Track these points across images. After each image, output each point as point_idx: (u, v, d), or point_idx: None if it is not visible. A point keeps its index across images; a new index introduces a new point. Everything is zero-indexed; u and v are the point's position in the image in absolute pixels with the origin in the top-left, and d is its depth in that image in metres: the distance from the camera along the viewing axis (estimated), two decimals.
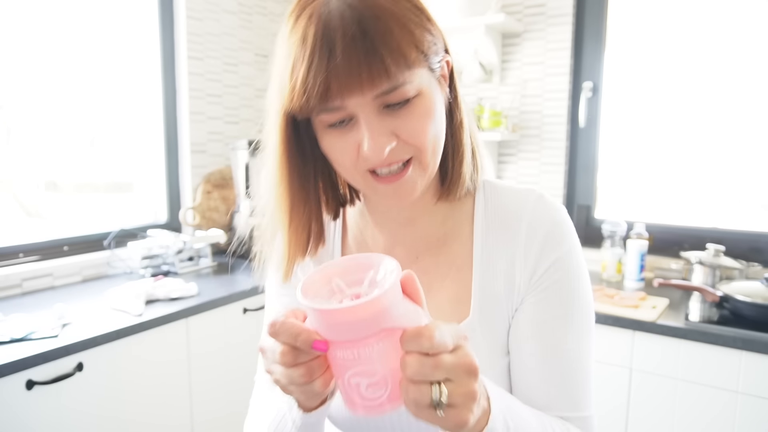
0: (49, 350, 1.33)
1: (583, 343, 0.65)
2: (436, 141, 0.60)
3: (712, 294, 1.64)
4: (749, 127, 1.99)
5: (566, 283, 0.64)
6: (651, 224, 2.06)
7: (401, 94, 0.55)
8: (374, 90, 0.54)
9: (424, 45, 0.57)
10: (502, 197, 0.70)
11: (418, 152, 0.59)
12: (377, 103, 0.56)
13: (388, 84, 0.54)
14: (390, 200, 0.61)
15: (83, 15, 2.05)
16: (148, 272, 2.00)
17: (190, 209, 2.32)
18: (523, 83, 2.27)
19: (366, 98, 0.55)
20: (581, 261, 0.67)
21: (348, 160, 0.59)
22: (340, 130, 0.58)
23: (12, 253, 1.84)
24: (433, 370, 0.44)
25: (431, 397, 0.44)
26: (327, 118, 0.57)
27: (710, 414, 1.51)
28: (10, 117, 1.93)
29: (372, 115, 0.56)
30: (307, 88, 0.54)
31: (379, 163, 0.57)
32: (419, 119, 0.58)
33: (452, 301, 0.69)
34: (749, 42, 1.97)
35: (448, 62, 0.64)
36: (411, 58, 0.55)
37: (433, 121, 0.59)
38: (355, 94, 0.54)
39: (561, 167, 2.24)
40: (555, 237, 0.65)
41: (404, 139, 0.57)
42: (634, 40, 2.19)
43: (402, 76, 0.54)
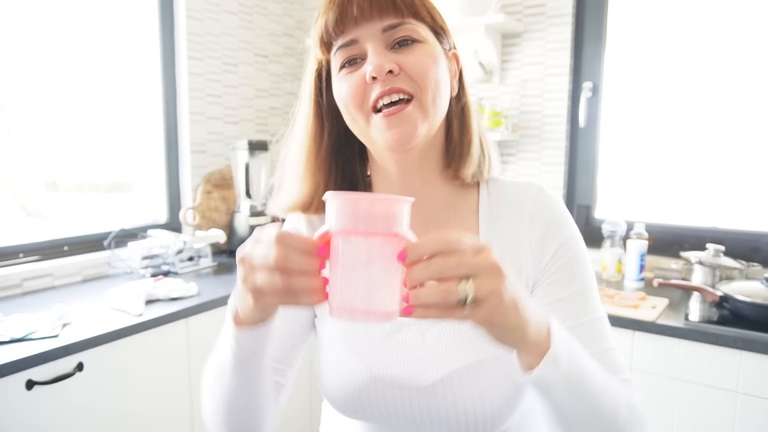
0: (49, 350, 1.33)
1: (601, 314, 0.68)
2: (437, 87, 0.65)
3: (712, 294, 1.64)
4: (749, 127, 1.99)
5: (576, 262, 0.69)
6: (651, 224, 2.06)
7: (407, 31, 0.63)
8: (383, 21, 0.62)
9: (434, 14, 0.66)
10: (505, 190, 0.74)
11: (419, 90, 0.63)
12: (385, 37, 0.63)
13: (396, 18, 0.63)
14: (392, 138, 0.64)
15: (83, 15, 2.05)
16: (148, 272, 2.00)
17: (190, 209, 2.32)
18: (523, 83, 2.27)
19: (376, 29, 0.63)
20: (583, 245, 0.71)
21: (355, 96, 0.64)
22: (350, 69, 0.64)
23: (12, 253, 1.84)
24: (458, 266, 0.45)
25: (458, 294, 0.44)
26: (343, 56, 0.64)
27: (710, 414, 1.51)
28: (10, 117, 1.93)
29: (379, 44, 0.63)
30: (328, 17, 0.63)
31: (381, 84, 0.62)
32: (422, 57, 0.64)
33: None
34: (749, 41, 1.97)
35: (456, 55, 0.71)
36: (418, 9, 0.64)
37: (436, 66, 0.65)
38: (366, 21, 0.62)
39: (561, 167, 2.24)
40: (557, 224, 0.70)
41: (406, 69, 0.63)
42: (634, 40, 2.19)
43: (409, 18, 0.63)
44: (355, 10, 0.62)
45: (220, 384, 0.66)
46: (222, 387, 0.66)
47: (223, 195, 2.47)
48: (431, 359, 0.68)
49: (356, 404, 0.71)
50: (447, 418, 0.67)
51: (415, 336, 0.70)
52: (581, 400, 0.54)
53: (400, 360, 0.69)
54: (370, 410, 0.70)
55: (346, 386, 0.71)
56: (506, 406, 0.67)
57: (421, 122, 0.64)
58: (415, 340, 0.70)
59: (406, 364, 0.69)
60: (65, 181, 2.10)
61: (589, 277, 0.69)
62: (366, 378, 0.70)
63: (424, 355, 0.69)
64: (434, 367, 0.68)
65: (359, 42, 0.63)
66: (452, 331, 0.69)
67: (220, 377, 0.66)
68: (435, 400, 0.67)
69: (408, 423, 0.70)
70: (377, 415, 0.71)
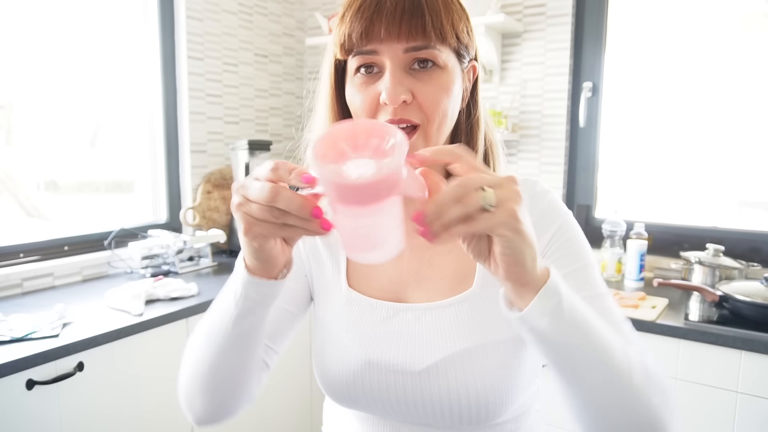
0: (49, 350, 1.33)
1: (603, 289, 0.68)
2: (445, 117, 0.65)
3: (712, 294, 1.64)
4: (749, 127, 1.99)
5: (574, 242, 0.70)
6: (651, 224, 2.06)
7: (430, 55, 0.63)
8: (408, 42, 0.61)
9: (458, 29, 0.65)
10: None
11: (426, 121, 0.64)
12: (406, 58, 0.63)
13: (422, 41, 0.61)
14: None
15: (83, 15, 2.05)
16: (149, 272, 2.00)
17: (190, 209, 2.32)
18: (523, 83, 2.27)
19: (398, 48, 0.62)
20: (579, 228, 0.72)
21: (366, 113, 0.65)
22: (365, 77, 0.65)
23: (12, 253, 1.84)
24: (479, 178, 0.47)
25: (480, 199, 0.46)
26: (359, 60, 0.64)
27: (710, 414, 1.51)
28: (11, 117, 1.93)
29: (398, 67, 0.63)
30: (353, 26, 0.62)
31: (392, 112, 0.63)
32: (437, 88, 0.64)
33: (456, 273, 0.72)
34: (749, 41, 1.97)
35: (474, 67, 0.71)
36: (447, 35, 0.63)
37: (449, 97, 0.65)
38: (392, 41, 0.61)
39: (561, 167, 2.24)
40: (552, 211, 0.71)
41: (419, 100, 0.63)
42: (634, 40, 2.19)
43: (435, 41, 0.62)
44: (383, 31, 0.61)
45: (212, 341, 0.64)
46: (213, 345, 0.64)
47: (223, 195, 2.47)
48: (425, 344, 0.68)
49: (351, 390, 0.71)
50: (440, 405, 0.67)
51: (411, 321, 0.70)
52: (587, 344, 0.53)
53: (395, 344, 0.70)
54: (364, 396, 0.71)
55: (342, 371, 0.71)
56: (501, 394, 0.66)
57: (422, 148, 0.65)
58: (411, 325, 0.70)
59: (401, 348, 0.69)
60: (65, 181, 2.10)
61: (589, 256, 0.70)
62: (361, 363, 0.70)
63: (418, 340, 0.69)
64: (428, 351, 0.68)
65: (379, 54, 0.63)
66: (449, 318, 0.69)
67: (215, 333, 0.63)
68: (428, 385, 0.67)
69: (402, 410, 0.70)
70: (372, 402, 0.71)
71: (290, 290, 0.76)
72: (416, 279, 0.73)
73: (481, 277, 0.70)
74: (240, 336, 0.62)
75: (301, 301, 0.78)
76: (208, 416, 0.69)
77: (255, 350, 0.65)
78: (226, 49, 2.45)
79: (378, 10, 0.61)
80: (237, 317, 0.60)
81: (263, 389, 0.76)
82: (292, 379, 2.13)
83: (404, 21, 0.60)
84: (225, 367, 0.64)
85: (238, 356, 0.64)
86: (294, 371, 2.13)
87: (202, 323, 0.67)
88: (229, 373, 0.65)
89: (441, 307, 0.70)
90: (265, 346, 0.74)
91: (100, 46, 2.11)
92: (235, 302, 0.59)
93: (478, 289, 0.69)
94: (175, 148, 2.35)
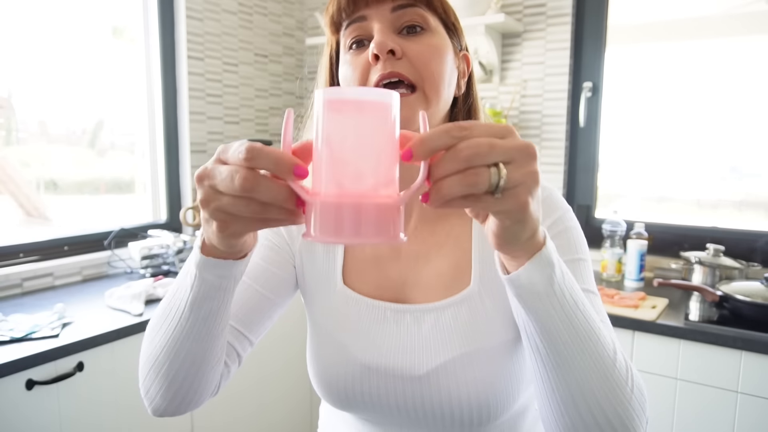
0: (49, 350, 1.33)
1: (593, 287, 0.68)
2: (441, 79, 0.64)
3: (712, 294, 1.64)
4: (749, 127, 1.99)
5: (569, 235, 0.69)
6: (651, 224, 2.06)
7: (416, 15, 0.63)
8: (394, 1, 0.62)
9: (447, 9, 0.66)
10: None
11: (421, 80, 0.63)
12: (394, 19, 0.63)
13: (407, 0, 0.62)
14: None
15: (84, 14, 2.05)
16: (148, 272, 2.00)
17: (190, 209, 2.32)
18: (523, 83, 2.27)
19: (386, 8, 0.62)
20: (576, 223, 0.71)
21: (357, 78, 0.64)
22: (356, 51, 0.65)
23: (12, 253, 1.84)
24: (490, 150, 0.39)
25: (489, 180, 0.39)
26: (350, 36, 0.65)
27: (710, 414, 1.51)
28: (11, 117, 1.93)
29: (386, 25, 0.63)
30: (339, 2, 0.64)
31: (381, 66, 0.61)
32: (428, 47, 0.63)
33: (452, 268, 0.70)
34: (749, 41, 1.97)
35: (467, 56, 0.71)
36: (433, 2, 0.64)
37: (441, 59, 0.64)
38: (376, 3, 0.62)
39: (561, 167, 2.24)
40: (549, 204, 0.70)
41: (409, 56, 0.62)
42: (634, 40, 2.19)
43: (421, 3, 0.63)
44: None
45: (168, 326, 0.57)
46: (168, 331, 0.57)
47: None
48: (425, 348, 0.67)
49: (349, 395, 0.69)
50: (441, 410, 0.66)
51: (410, 324, 0.69)
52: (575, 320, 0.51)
53: (393, 349, 0.68)
54: (362, 401, 0.69)
55: (339, 375, 0.69)
56: (502, 396, 0.66)
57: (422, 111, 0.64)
58: (410, 328, 0.69)
59: (400, 353, 0.68)
60: (65, 181, 2.10)
61: (584, 252, 0.69)
62: (359, 366, 0.68)
63: (418, 344, 0.68)
64: (428, 356, 0.67)
65: (368, 20, 0.63)
66: (448, 320, 0.68)
67: (170, 317, 0.57)
68: (429, 390, 0.66)
69: (401, 414, 0.69)
70: (370, 406, 0.69)
71: (268, 273, 0.71)
72: (414, 276, 0.71)
73: (478, 274, 0.69)
74: (197, 322, 0.55)
75: (282, 289, 0.73)
76: (166, 407, 0.62)
77: (217, 339, 0.59)
78: (226, 49, 2.45)
79: None
80: (193, 302, 0.54)
81: (262, 389, 0.75)
82: (292, 380, 2.13)
83: None
84: (182, 355, 0.58)
85: (196, 344, 0.57)
86: (294, 372, 2.13)
87: (160, 304, 0.61)
88: (186, 361, 0.58)
89: (440, 308, 0.68)
90: (237, 333, 0.69)
91: (101, 46, 2.11)
92: (190, 285, 0.53)
93: (476, 288, 0.68)
94: (175, 148, 2.35)
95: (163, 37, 2.26)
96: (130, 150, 2.28)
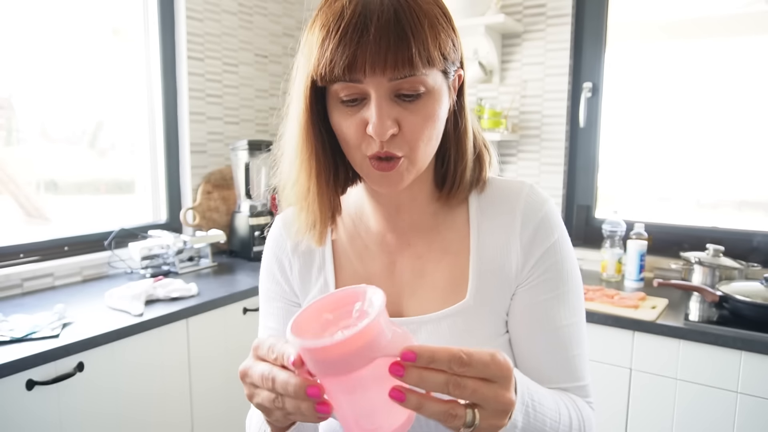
0: (49, 350, 1.33)
1: (577, 318, 0.70)
2: (429, 142, 0.64)
3: (712, 294, 1.64)
4: (749, 127, 1.99)
5: (559, 267, 0.69)
6: (651, 224, 2.06)
7: (415, 84, 0.59)
8: (395, 73, 0.58)
9: (445, 50, 0.61)
10: (495, 190, 0.74)
11: (411, 152, 0.62)
12: (391, 87, 0.59)
13: (409, 71, 0.58)
14: (380, 187, 0.65)
15: (84, 14, 2.05)
16: (149, 272, 2.00)
17: (190, 209, 2.32)
18: (522, 83, 2.27)
19: (384, 78, 0.58)
20: (570, 246, 0.72)
21: (354, 138, 0.62)
22: (351, 108, 0.62)
23: (12, 253, 1.84)
24: (471, 395, 0.46)
25: (464, 419, 0.46)
26: (343, 92, 0.60)
27: (710, 414, 1.51)
28: (11, 117, 1.93)
29: (383, 98, 0.59)
30: (336, 57, 0.58)
31: (378, 145, 0.61)
32: (423, 118, 0.61)
33: (448, 283, 0.71)
34: (749, 41, 1.97)
35: (460, 75, 0.68)
36: (433, 57, 0.59)
37: (435, 124, 0.63)
38: (377, 72, 0.58)
39: (561, 167, 2.24)
40: (546, 227, 0.70)
41: (404, 131, 0.61)
42: (634, 40, 2.19)
43: (421, 69, 0.58)
44: (367, 65, 0.57)
45: None
46: None
47: (223, 195, 2.47)
48: None
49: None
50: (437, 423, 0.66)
51: None
52: None
53: None
54: None
55: None
56: None
57: (408, 174, 0.64)
58: None
59: None
60: (65, 181, 2.10)
61: (572, 280, 0.70)
62: None
63: None
64: None
65: (363, 84, 0.59)
66: (445, 332, 0.69)
67: None
68: None
69: None
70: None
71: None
72: (410, 289, 0.72)
73: (475, 287, 0.69)
74: None
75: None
76: None
77: None
78: (226, 50, 2.45)
79: (361, 43, 0.56)
80: None
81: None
82: None
83: (390, 54, 0.56)
84: None
85: None
86: None
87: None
88: None
89: (436, 319, 0.69)
90: None
91: (101, 46, 2.11)
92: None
93: (472, 301, 0.69)
94: (175, 148, 2.35)
95: (163, 38, 2.27)
96: (130, 150, 2.28)
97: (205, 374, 1.78)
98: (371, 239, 0.75)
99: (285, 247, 0.78)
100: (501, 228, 0.70)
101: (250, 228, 2.32)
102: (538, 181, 2.29)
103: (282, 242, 0.78)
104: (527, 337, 0.69)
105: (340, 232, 0.77)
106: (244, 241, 2.34)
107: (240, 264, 2.25)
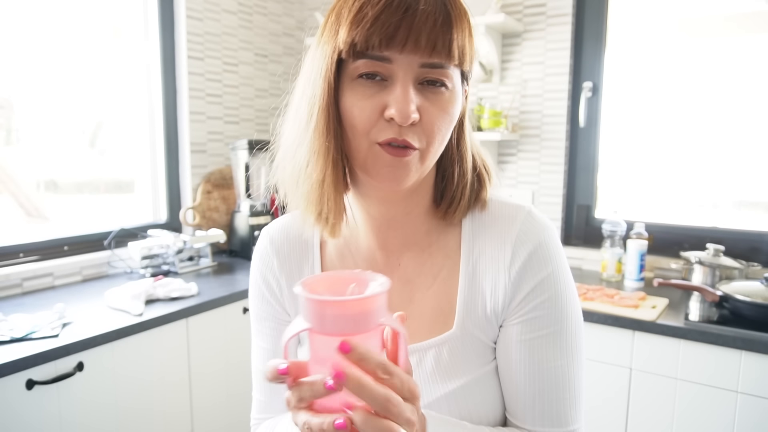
0: (49, 350, 1.33)
1: (570, 360, 0.65)
2: (443, 142, 0.62)
3: (712, 294, 1.64)
4: (749, 127, 1.99)
5: (552, 303, 0.65)
6: (651, 224, 2.06)
7: (442, 75, 0.58)
8: (432, 56, 0.56)
9: (472, 53, 0.61)
10: (492, 212, 0.70)
11: (426, 145, 0.60)
12: (419, 74, 0.58)
13: (445, 59, 0.57)
14: (384, 180, 0.61)
15: (84, 14, 2.05)
16: (148, 272, 2.00)
17: (190, 209, 2.32)
18: (523, 83, 2.27)
19: (417, 61, 0.56)
20: (568, 280, 0.67)
21: (366, 121, 0.58)
22: (369, 85, 0.58)
23: (12, 252, 1.84)
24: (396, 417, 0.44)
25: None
26: (365, 68, 0.57)
27: (710, 414, 1.51)
28: (11, 117, 1.93)
29: (410, 82, 0.57)
30: (376, 26, 0.54)
31: (397, 131, 0.58)
32: (442, 112, 0.60)
33: (435, 311, 0.69)
34: (749, 42, 1.97)
35: (466, 90, 0.66)
36: (465, 52, 0.59)
37: (450, 123, 0.62)
38: (415, 50, 0.55)
39: (561, 167, 2.24)
40: (540, 258, 0.65)
41: (423, 121, 0.59)
42: (634, 40, 2.19)
43: (455, 60, 0.57)
44: (409, 42, 0.54)
45: None
46: None
47: (223, 195, 2.47)
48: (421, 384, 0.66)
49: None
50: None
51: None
52: None
53: None
54: None
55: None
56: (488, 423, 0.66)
57: (416, 171, 0.61)
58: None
59: None
60: (65, 181, 2.10)
61: (567, 319, 0.65)
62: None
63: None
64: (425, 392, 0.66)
65: (392, 63, 0.56)
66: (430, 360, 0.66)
67: None
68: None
69: None
70: None
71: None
72: None
73: (461, 320, 0.67)
74: None
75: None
76: None
77: None
78: (226, 49, 2.45)
79: (407, 15, 0.54)
80: None
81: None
82: None
83: (432, 34, 0.55)
84: None
85: None
86: None
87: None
88: None
89: (422, 349, 0.67)
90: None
91: (101, 46, 2.11)
92: None
93: (458, 332, 0.67)
94: (175, 148, 2.35)
95: (163, 37, 2.27)
96: (130, 150, 2.28)
97: (205, 374, 1.78)
98: (361, 257, 0.72)
99: (272, 265, 0.75)
100: (491, 256, 0.67)
101: (250, 228, 2.32)
102: (537, 181, 2.29)
103: (268, 260, 0.75)
104: (515, 374, 0.65)
105: (330, 248, 0.74)
106: (244, 241, 2.34)
107: (240, 263, 2.25)
